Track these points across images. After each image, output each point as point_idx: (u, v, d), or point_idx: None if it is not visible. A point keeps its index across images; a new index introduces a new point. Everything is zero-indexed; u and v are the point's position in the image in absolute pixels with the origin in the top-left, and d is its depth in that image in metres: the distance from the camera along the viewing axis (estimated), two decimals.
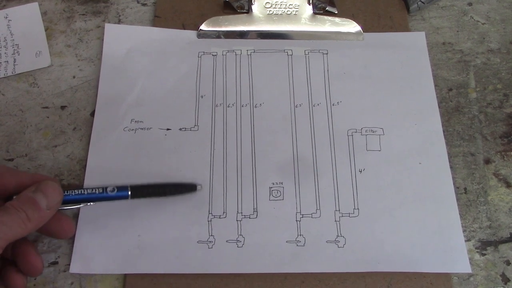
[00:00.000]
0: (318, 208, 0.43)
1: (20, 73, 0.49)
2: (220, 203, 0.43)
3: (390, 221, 0.43)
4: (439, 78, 0.50)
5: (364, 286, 0.41)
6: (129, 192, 0.40)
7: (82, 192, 0.39)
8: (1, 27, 0.51)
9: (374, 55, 0.50)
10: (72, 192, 0.39)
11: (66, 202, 0.39)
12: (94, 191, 0.39)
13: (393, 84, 0.49)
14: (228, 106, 0.48)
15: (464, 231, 0.43)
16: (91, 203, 0.40)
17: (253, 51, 0.51)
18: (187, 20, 0.52)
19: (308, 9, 0.52)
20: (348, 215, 0.43)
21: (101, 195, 0.40)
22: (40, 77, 0.50)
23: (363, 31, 0.51)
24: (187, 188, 0.43)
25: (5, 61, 0.50)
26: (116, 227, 0.42)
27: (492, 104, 0.49)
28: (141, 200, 0.42)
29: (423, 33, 0.52)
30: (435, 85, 0.49)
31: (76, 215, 0.42)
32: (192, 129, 0.47)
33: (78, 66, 0.50)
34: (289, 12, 0.52)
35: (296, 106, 0.48)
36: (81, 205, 0.40)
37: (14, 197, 0.37)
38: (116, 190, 0.40)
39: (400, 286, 0.41)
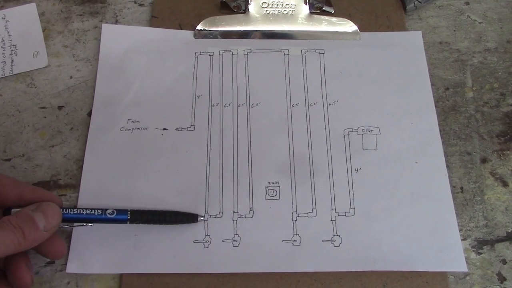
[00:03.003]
0: (314, 207, 0.43)
1: (17, 74, 0.50)
2: (216, 203, 0.43)
3: (386, 220, 0.43)
4: (435, 77, 0.50)
5: (360, 285, 0.41)
6: (128, 217, 0.40)
7: (81, 212, 0.39)
8: None
9: (371, 55, 0.50)
10: (71, 211, 0.39)
11: (64, 220, 0.39)
12: (93, 212, 0.40)
13: (389, 84, 0.49)
14: (225, 106, 0.48)
15: (460, 230, 0.43)
16: (90, 224, 0.40)
17: (249, 51, 0.51)
18: (184, 20, 0.52)
19: (305, 9, 0.52)
20: (344, 214, 0.43)
21: (100, 217, 0.40)
22: (37, 77, 0.50)
23: (360, 31, 0.51)
24: (188, 218, 0.42)
25: (2, 62, 0.50)
26: (113, 227, 0.42)
27: (489, 103, 0.49)
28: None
29: (420, 33, 0.52)
30: (432, 84, 0.49)
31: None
32: (188, 128, 0.47)
33: (75, 67, 0.50)
34: (285, 12, 0.52)
35: (293, 106, 0.48)
36: (78, 225, 0.40)
37: (13, 210, 0.37)
38: (115, 213, 0.40)
39: (396, 285, 0.41)
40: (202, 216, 0.43)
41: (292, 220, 0.43)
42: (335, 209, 0.43)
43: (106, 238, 0.42)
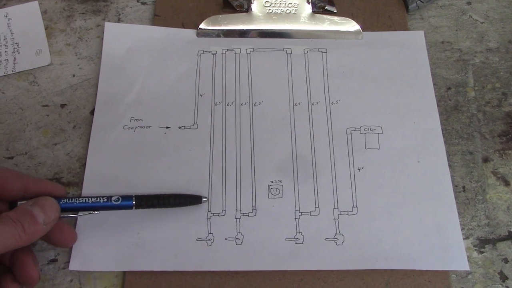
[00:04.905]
0: (317, 206, 0.43)
1: (20, 72, 0.50)
2: (219, 201, 0.44)
3: (389, 219, 0.43)
4: (438, 77, 0.50)
5: (363, 283, 0.41)
6: (134, 202, 0.40)
7: (87, 200, 0.40)
8: (1, 26, 0.52)
9: (373, 54, 0.51)
10: (76, 200, 0.39)
11: (70, 209, 0.39)
12: (98, 199, 0.40)
13: (392, 83, 0.49)
14: (228, 105, 0.48)
15: (462, 229, 0.43)
16: (95, 212, 0.40)
17: (252, 50, 0.51)
18: (187, 19, 0.52)
19: (308, 8, 0.52)
20: (346, 213, 0.43)
21: (106, 204, 0.40)
22: (40, 75, 0.50)
23: (362, 30, 0.52)
24: (192, 200, 0.42)
25: (5, 60, 0.50)
26: (115, 224, 0.42)
27: (491, 102, 0.49)
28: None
29: (422, 32, 0.52)
30: (434, 84, 0.49)
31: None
32: (191, 127, 0.47)
33: (78, 65, 0.50)
34: (288, 11, 0.52)
35: (295, 105, 0.48)
36: (84, 214, 0.40)
37: (19, 202, 0.37)
38: (120, 200, 0.40)
39: (399, 284, 0.41)
40: (205, 197, 0.43)
41: (295, 218, 0.43)
42: (337, 208, 0.43)
43: (109, 236, 0.42)
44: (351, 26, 0.52)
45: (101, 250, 0.41)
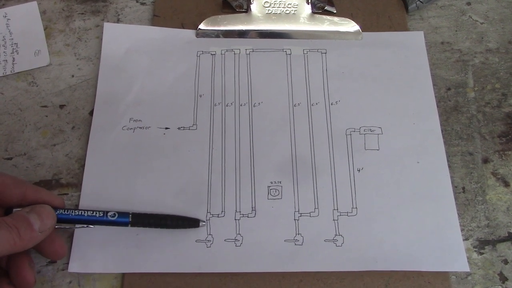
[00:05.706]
0: (317, 207, 0.43)
1: (19, 72, 0.49)
2: (219, 202, 0.43)
3: (388, 220, 0.43)
4: (437, 77, 0.50)
5: (362, 285, 0.41)
6: (130, 220, 0.40)
7: (83, 213, 0.39)
8: (0, 26, 0.51)
9: (373, 55, 0.50)
10: (72, 212, 0.39)
11: (65, 221, 0.39)
12: (94, 214, 0.40)
13: (391, 84, 0.49)
14: (227, 105, 0.48)
15: (462, 230, 0.43)
16: (91, 226, 0.40)
17: (252, 50, 0.51)
18: (186, 19, 0.52)
19: (307, 9, 0.52)
20: (346, 214, 0.43)
21: (101, 219, 0.40)
22: (39, 76, 0.50)
23: (362, 31, 0.51)
24: (189, 223, 0.42)
25: (4, 60, 0.50)
26: (115, 226, 0.42)
27: (491, 103, 0.49)
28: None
29: (421, 33, 0.52)
30: (434, 85, 0.49)
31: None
32: (190, 128, 0.47)
33: (77, 65, 0.50)
34: (288, 12, 0.52)
35: (295, 105, 0.48)
36: (79, 226, 0.40)
37: (14, 209, 0.37)
38: (117, 216, 0.40)
39: (398, 285, 0.41)
40: (204, 222, 0.42)
41: (294, 219, 0.43)
42: (337, 209, 0.43)
43: (108, 237, 0.42)
44: (351, 26, 0.52)
45: (100, 252, 0.41)
